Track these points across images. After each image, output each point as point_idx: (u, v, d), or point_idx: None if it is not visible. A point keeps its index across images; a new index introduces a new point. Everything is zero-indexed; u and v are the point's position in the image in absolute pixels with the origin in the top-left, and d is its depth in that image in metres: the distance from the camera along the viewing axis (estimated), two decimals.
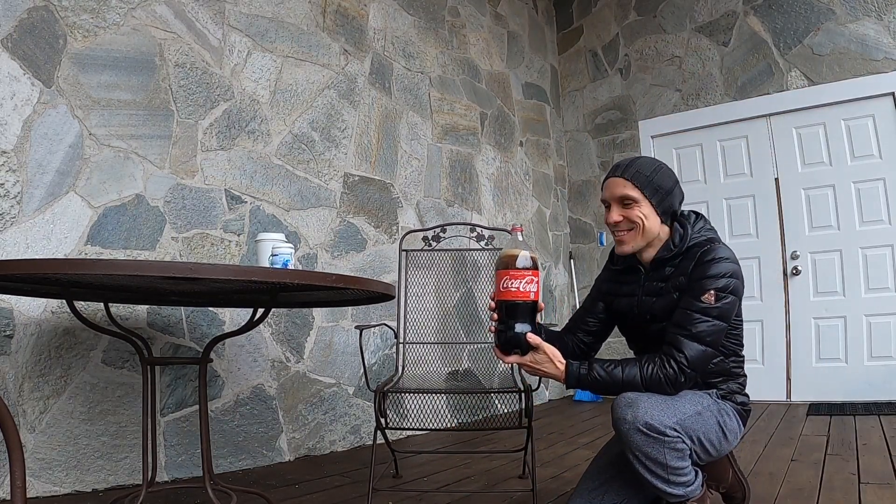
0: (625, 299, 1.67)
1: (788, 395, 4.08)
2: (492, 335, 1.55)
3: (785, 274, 4.17)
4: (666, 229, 1.60)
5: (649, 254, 1.61)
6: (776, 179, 4.25)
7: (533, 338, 1.49)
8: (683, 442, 1.42)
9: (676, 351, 1.44)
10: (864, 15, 3.92)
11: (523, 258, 1.46)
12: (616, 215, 1.57)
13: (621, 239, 1.59)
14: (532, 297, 1.47)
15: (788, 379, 4.09)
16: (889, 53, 3.83)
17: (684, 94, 4.64)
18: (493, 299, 1.53)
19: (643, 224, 1.55)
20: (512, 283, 1.46)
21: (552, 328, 1.76)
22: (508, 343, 1.50)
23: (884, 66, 3.85)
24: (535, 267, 1.47)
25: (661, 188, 1.56)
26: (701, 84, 4.56)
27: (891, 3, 3.85)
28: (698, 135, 4.56)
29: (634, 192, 1.54)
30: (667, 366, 1.44)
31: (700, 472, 1.52)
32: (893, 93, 3.82)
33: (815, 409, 3.66)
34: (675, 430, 1.41)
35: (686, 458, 1.45)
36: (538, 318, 1.54)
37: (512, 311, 1.48)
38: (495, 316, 1.51)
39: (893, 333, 3.80)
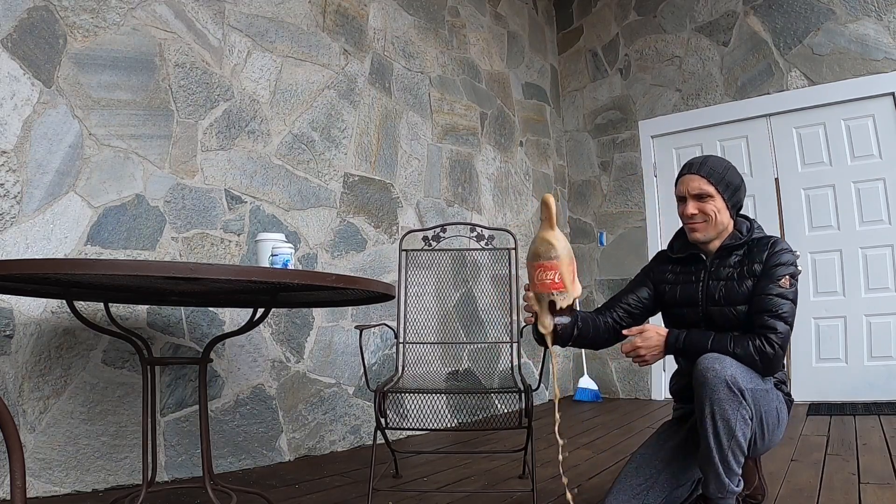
0: (688, 286, 1.77)
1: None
2: (529, 327, 1.54)
3: None
4: (732, 221, 1.74)
5: (714, 244, 1.74)
6: (776, 179, 4.24)
7: (631, 331, 1.64)
8: (751, 414, 1.50)
9: (769, 330, 1.54)
10: (864, 15, 3.92)
11: (549, 248, 1.40)
12: (692, 208, 1.71)
13: (694, 227, 1.73)
14: (556, 288, 1.42)
15: (788, 379, 4.09)
16: (889, 53, 3.83)
17: (684, 94, 4.64)
18: (527, 291, 1.49)
19: (716, 217, 1.70)
20: (546, 275, 1.41)
21: None
22: (537, 334, 1.47)
23: (884, 66, 3.85)
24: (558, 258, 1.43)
25: (732, 184, 1.72)
26: (701, 84, 4.56)
27: (891, 3, 3.84)
28: (698, 135, 4.56)
29: (710, 188, 1.69)
30: (765, 345, 1.53)
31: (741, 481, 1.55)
32: (893, 93, 3.82)
33: (815, 409, 3.66)
34: (748, 397, 1.48)
35: (747, 436, 1.50)
36: (575, 304, 1.51)
37: (541, 303, 1.44)
38: (535, 307, 1.47)
39: (893, 333, 3.80)
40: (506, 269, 2.63)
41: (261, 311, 1.76)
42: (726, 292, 1.67)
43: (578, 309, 1.66)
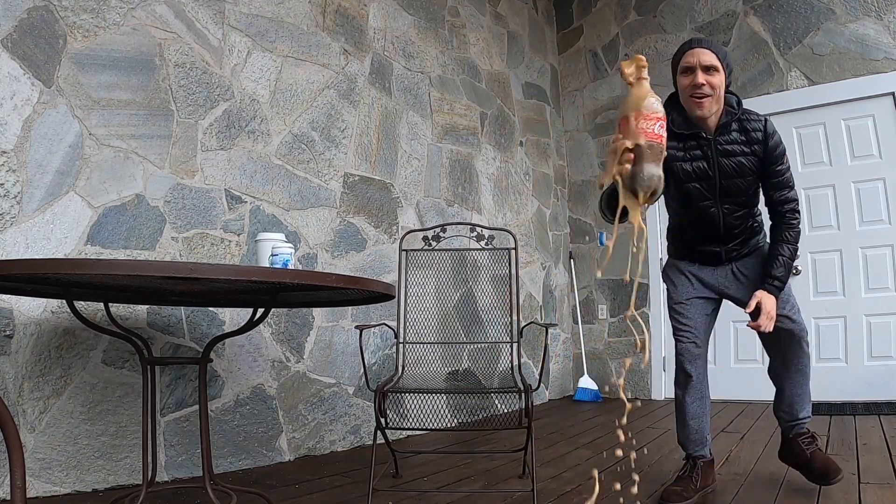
0: (699, 162, 1.93)
1: None
2: (610, 181, 1.42)
3: None
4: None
5: (711, 119, 1.90)
6: None
7: (751, 308, 1.86)
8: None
9: (792, 201, 1.95)
10: (864, 15, 3.92)
11: (655, 101, 1.39)
12: (701, 78, 1.82)
13: (700, 103, 1.85)
14: (663, 141, 1.39)
15: None
16: (889, 53, 3.83)
17: None
18: (622, 140, 1.39)
19: (719, 91, 1.84)
20: (647, 125, 1.37)
21: (552, 327, 1.77)
22: (639, 184, 1.38)
23: (884, 66, 3.85)
24: (664, 113, 1.40)
25: (730, 65, 1.90)
26: None
27: (891, 3, 3.84)
28: None
29: (717, 63, 1.83)
30: (794, 219, 1.94)
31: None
32: (893, 93, 3.82)
33: (815, 408, 3.63)
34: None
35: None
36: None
37: (649, 153, 1.36)
38: (631, 157, 1.36)
39: (893, 333, 3.80)
40: (506, 269, 2.63)
41: (261, 311, 1.76)
42: (737, 167, 1.91)
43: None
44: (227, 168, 2.63)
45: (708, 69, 1.82)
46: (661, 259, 4.65)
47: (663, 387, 4.53)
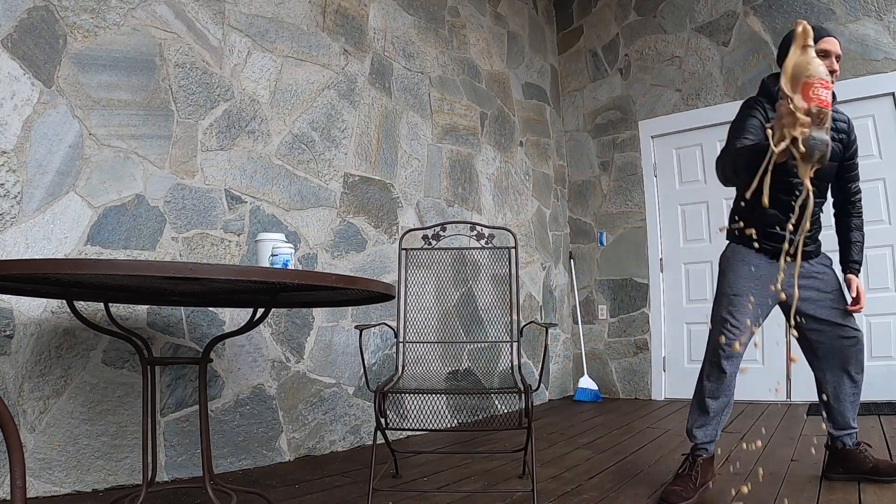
0: None
1: (788, 394, 4.08)
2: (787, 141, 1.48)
3: None
4: None
5: None
6: None
7: (853, 293, 2.11)
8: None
9: (860, 192, 2.25)
10: (864, 15, 3.92)
11: (823, 69, 1.48)
12: (836, 65, 1.95)
13: (828, 86, 1.92)
14: (829, 107, 1.47)
15: (788, 379, 4.09)
16: (889, 53, 3.83)
17: (684, 94, 4.64)
18: (796, 103, 1.46)
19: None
20: (822, 92, 1.45)
21: (552, 327, 1.78)
22: (814, 147, 1.44)
23: (884, 66, 3.85)
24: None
25: None
26: (701, 84, 4.56)
27: (891, 3, 3.84)
28: (698, 135, 4.56)
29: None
30: (861, 208, 2.27)
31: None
32: (893, 93, 3.82)
33: (815, 409, 3.66)
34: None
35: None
36: None
37: (820, 119, 1.45)
38: (808, 120, 1.43)
39: (893, 333, 3.80)
40: (506, 269, 2.63)
41: (261, 311, 1.76)
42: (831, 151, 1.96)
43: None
44: (227, 168, 2.63)
45: (837, 59, 1.94)
46: (660, 259, 4.66)
47: (663, 387, 4.53)
